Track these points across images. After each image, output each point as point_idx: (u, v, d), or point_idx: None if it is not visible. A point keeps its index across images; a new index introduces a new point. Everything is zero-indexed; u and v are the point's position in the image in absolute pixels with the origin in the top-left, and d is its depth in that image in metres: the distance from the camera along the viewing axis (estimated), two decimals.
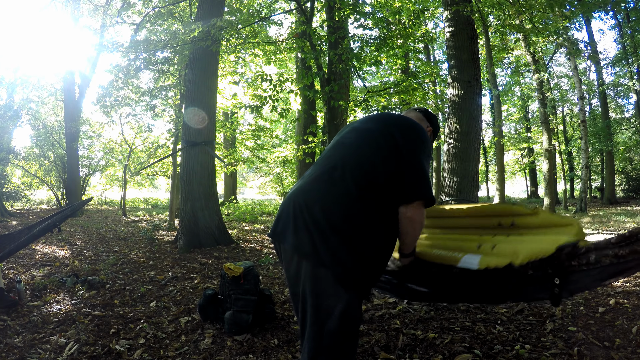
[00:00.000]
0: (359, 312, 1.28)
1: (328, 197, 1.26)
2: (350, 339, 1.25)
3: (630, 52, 13.91)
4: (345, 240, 1.21)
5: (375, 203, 1.26)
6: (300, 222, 1.24)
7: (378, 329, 2.51)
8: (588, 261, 1.12)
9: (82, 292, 3.36)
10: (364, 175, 1.27)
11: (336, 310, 1.20)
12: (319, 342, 1.22)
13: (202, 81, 6.16)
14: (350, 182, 1.26)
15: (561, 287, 1.17)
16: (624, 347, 2.12)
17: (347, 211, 1.23)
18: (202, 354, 2.21)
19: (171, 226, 8.08)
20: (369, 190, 1.26)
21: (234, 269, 2.61)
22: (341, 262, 1.20)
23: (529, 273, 1.24)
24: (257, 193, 24.20)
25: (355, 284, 1.23)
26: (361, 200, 1.25)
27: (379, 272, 1.33)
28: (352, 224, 1.22)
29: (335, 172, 1.30)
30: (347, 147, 1.38)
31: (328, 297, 1.21)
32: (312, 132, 7.80)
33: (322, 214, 1.22)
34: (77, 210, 6.26)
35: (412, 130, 1.39)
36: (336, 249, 1.20)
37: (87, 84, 12.54)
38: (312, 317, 1.23)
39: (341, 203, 1.24)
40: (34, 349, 2.25)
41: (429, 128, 1.65)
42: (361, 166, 1.29)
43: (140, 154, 14.89)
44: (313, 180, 1.34)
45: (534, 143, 20.06)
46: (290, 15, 10.46)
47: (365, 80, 9.73)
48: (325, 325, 1.21)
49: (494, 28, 9.01)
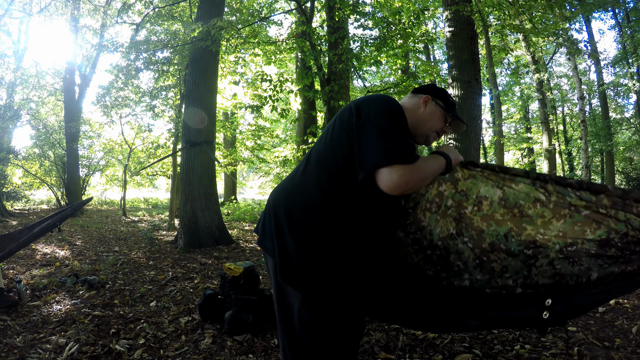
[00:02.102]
0: (326, 317, 1.14)
1: (290, 192, 1.22)
2: (320, 343, 1.15)
3: (630, 52, 13.91)
4: (296, 237, 1.13)
5: (337, 197, 1.13)
6: (267, 219, 1.23)
7: (378, 329, 2.51)
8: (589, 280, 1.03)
9: (82, 292, 3.36)
10: (323, 168, 1.17)
11: (294, 309, 1.17)
12: (287, 340, 1.21)
13: (202, 81, 6.16)
14: (310, 177, 1.19)
15: (551, 310, 1.08)
16: (624, 347, 2.12)
17: (306, 207, 1.15)
18: (202, 354, 2.21)
19: (171, 226, 8.08)
20: (328, 183, 1.14)
21: (234, 269, 2.61)
22: (289, 259, 1.12)
23: (517, 292, 1.16)
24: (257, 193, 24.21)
25: (306, 285, 1.12)
26: (320, 195, 1.15)
27: (345, 277, 1.13)
28: (308, 220, 1.14)
29: (300, 168, 1.26)
30: (317, 142, 1.30)
31: (287, 295, 1.19)
32: (312, 132, 7.79)
33: (282, 211, 1.18)
34: (77, 210, 6.26)
35: (366, 102, 1.17)
36: (287, 246, 1.14)
37: (87, 84, 12.54)
38: (278, 314, 1.23)
39: (301, 199, 1.17)
40: (34, 349, 2.25)
41: (425, 97, 1.33)
42: (319, 158, 1.19)
43: (140, 154, 14.88)
44: (287, 177, 1.32)
45: (534, 143, 20.04)
46: (290, 15, 10.47)
47: (365, 80, 9.73)
48: (290, 324, 1.19)
49: (494, 28, 9.01)
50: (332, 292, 1.13)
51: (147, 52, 7.02)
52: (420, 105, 1.32)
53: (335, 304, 1.15)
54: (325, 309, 1.14)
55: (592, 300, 1.07)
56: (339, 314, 1.16)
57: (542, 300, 1.09)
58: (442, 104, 1.33)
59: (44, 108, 16.01)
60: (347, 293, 1.14)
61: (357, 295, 1.16)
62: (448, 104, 1.34)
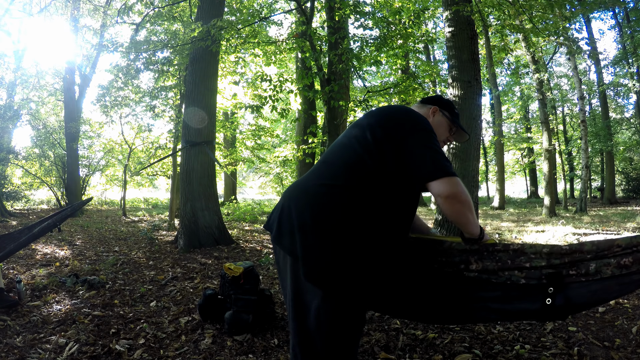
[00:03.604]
0: (346, 314, 1.19)
1: (314, 193, 1.24)
2: (335, 340, 1.18)
3: (630, 52, 13.91)
4: (321, 236, 1.16)
5: (362, 199, 1.20)
6: (285, 216, 1.25)
7: (378, 329, 2.51)
8: (587, 271, 1.04)
9: (82, 292, 3.36)
10: (349, 171, 1.23)
11: (312, 308, 1.18)
12: (299, 339, 1.22)
13: (202, 81, 6.16)
14: (335, 179, 1.23)
15: (554, 297, 1.11)
16: (624, 347, 2.12)
17: (333, 206, 1.19)
18: (202, 354, 2.21)
19: (171, 226, 8.08)
20: (354, 186, 1.21)
21: (234, 269, 2.61)
22: (315, 258, 1.15)
23: (521, 282, 1.19)
24: (257, 193, 24.23)
25: (331, 283, 1.15)
26: (347, 196, 1.20)
27: (366, 274, 1.19)
28: (330, 220, 1.17)
29: (322, 168, 1.30)
30: (338, 144, 1.36)
31: (304, 292, 1.20)
32: (312, 132, 7.80)
33: (303, 209, 1.21)
34: (77, 210, 6.26)
35: (407, 114, 1.31)
36: (312, 245, 1.16)
37: (87, 84, 12.54)
38: (292, 312, 1.23)
39: (321, 200, 1.21)
40: (34, 349, 2.25)
41: (433, 108, 1.50)
42: (346, 162, 1.25)
43: (140, 154, 14.88)
44: (306, 176, 1.34)
45: (534, 143, 20.05)
46: (290, 15, 10.47)
47: (365, 80, 9.73)
48: (304, 322, 1.20)
49: (494, 28, 9.01)
50: (354, 289, 1.17)
51: (147, 52, 7.01)
52: (429, 115, 1.48)
53: (355, 301, 1.20)
54: (344, 307, 1.18)
55: (592, 297, 1.08)
56: (354, 312, 1.21)
57: (545, 292, 1.12)
58: (449, 114, 1.50)
59: (44, 108, 16.01)
60: (367, 290, 1.19)
61: (375, 291, 1.21)
62: (453, 115, 1.51)
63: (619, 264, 0.98)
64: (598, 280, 1.04)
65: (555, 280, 1.11)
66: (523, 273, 1.20)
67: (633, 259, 0.96)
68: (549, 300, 1.11)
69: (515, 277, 1.21)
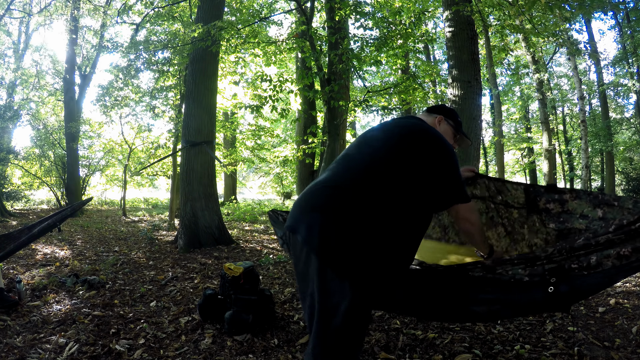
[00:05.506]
0: (367, 312, 1.26)
1: (343, 199, 1.27)
2: (355, 337, 1.25)
3: (630, 52, 13.91)
4: (354, 238, 1.21)
5: (390, 206, 1.26)
6: (315, 217, 1.26)
7: (378, 329, 2.51)
8: (589, 264, 1.08)
9: (82, 292, 3.36)
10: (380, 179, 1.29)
11: (341, 308, 1.21)
12: (323, 339, 1.23)
13: (202, 81, 6.16)
14: (362, 184, 1.29)
15: (557, 285, 1.14)
16: (624, 347, 2.12)
17: (360, 211, 1.24)
18: (202, 354, 2.21)
19: (171, 226, 8.08)
20: (384, 193, 1.27)
21: (234, 269, 2.61)
22: (348, 259, 1.20)
23: (524, 280, 1.22)
24: (257, 193, 24.21)
25: (362, 284, 1.21)
26: (376, 202, 1.25)
27: (390, 276, 1.31)
28: (363, 223, 1.23)
29: (340, 170, 1.36)
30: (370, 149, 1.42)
31: (333, 294, 1.22)
32: (312, 132, 7.79)
33: (336, 211, 1.25)
34: (77, 210, 6.27)
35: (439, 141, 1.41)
36: (344, 247, 1.20)
37: (87, 83, 12.54)
38: (318, 313, 1.24)
39: (355, 203, 1.25)
40: (34, 349, 2.25)
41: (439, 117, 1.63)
42: (374, 167, 1.32)
43: (140, 154, 14.87)
44: (332, 175, 1.37)
45: (534, 143, 20.03)
46: (290, 15, 10.48)
47: (365, 80, 9.72)
48: (330, 323, 1.22)
49: (494, 28, 9.01)
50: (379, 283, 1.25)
51: (147, 52, 7.01)
52: (435, 124, 1.61)
53: (378, 297, 1.28)
54: (368, 307, 1.26)
55: (595, 282, 1.12)
56: (370, 310, 1.29)
57: (548, 282, 1.16)
58: (453, 123, 1.63)
59: (44, 108, 15.99)
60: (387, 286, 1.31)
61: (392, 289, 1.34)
62: (457, 123, 1.65)
63: (619, 255, 1.01)
64: (600, 272, 1.07)
65: (558, 272, 1.14)
66: (526, 270, 1.23)
67: (632, 248, 0.98)
68: (551, 288, 1.15)
69: (519, 275, 1.24)
